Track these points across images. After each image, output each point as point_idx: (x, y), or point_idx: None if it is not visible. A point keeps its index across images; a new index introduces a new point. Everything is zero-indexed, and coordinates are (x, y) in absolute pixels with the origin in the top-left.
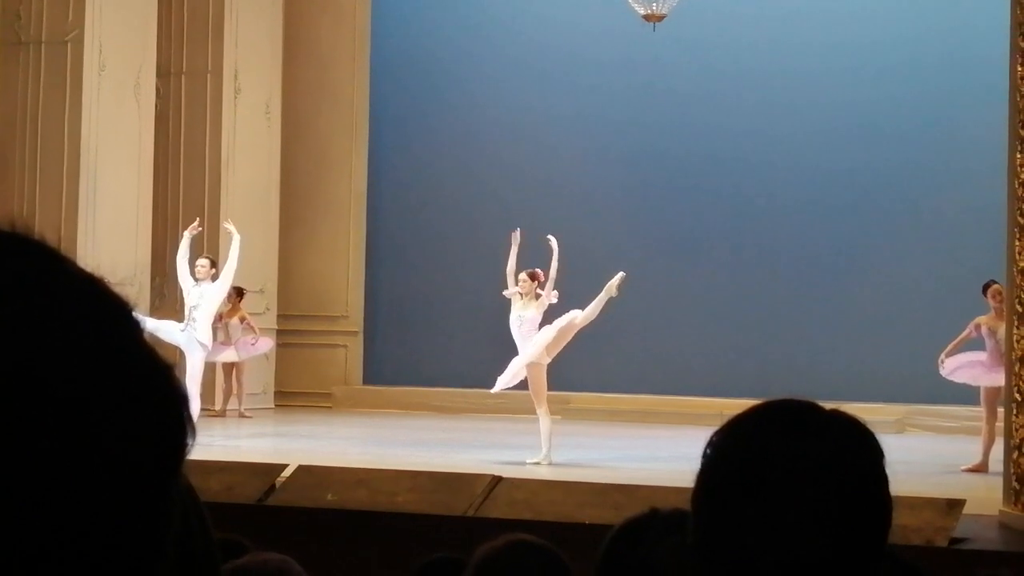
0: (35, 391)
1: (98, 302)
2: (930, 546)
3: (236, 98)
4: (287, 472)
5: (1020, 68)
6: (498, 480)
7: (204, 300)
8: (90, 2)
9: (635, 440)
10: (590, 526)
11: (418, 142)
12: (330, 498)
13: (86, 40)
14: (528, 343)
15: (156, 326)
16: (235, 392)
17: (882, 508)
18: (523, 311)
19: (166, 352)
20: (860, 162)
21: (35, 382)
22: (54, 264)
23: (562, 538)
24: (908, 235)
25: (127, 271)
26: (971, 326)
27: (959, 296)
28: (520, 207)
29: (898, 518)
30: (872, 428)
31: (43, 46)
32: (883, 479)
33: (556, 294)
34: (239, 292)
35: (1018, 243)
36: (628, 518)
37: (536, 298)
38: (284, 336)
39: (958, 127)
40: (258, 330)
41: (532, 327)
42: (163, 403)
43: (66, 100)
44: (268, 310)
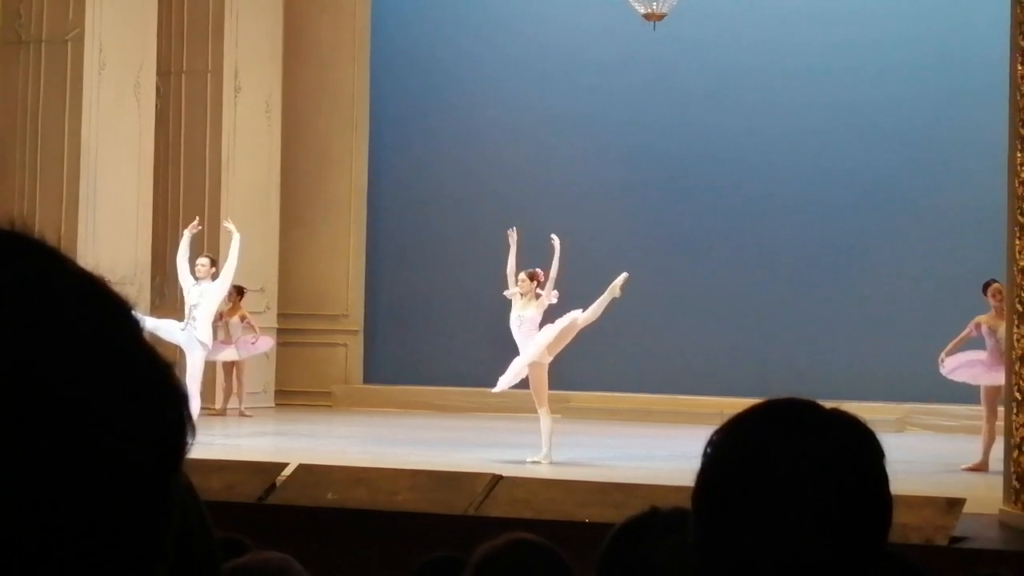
0: (35, 390)
1: (98, 301)
2: (930, 545)
3: (236, 97)
4: (287, 471)
5: (1020, 67)
6: (498, 479)
7: (204, 299)
8: (90, 1)
9: (635, 439)
10: (590, 525)
11: (418, 141)
12: (330, 497)
13: (86, 39)
14: (529, 343)
15: (156, 325)
16: (235, 391)
17: (882, 507)
18: (523, 311)
19: (166, 351)
20: (860, 161)
21: (35, 381)
22: (54, 263)
23: (562, 537)
24: (908, 234)
25: (127, 270)
26: (971, 325)
27: (959, 295)
28: (520, 206)
29: (898, 517)
30: (872, 427)
31: (43, 45)
32: (883, 478)
33: (556, 294)
34: (239, 291)
35: (1018, 242)
36: (629, 517)
37: (536, 298)
38: (284, 335)
39: (958, 126)
40: (258, 329)
41: (532, 327)
42: (163, 402)
43: (66, 99)
44: (268, 309)
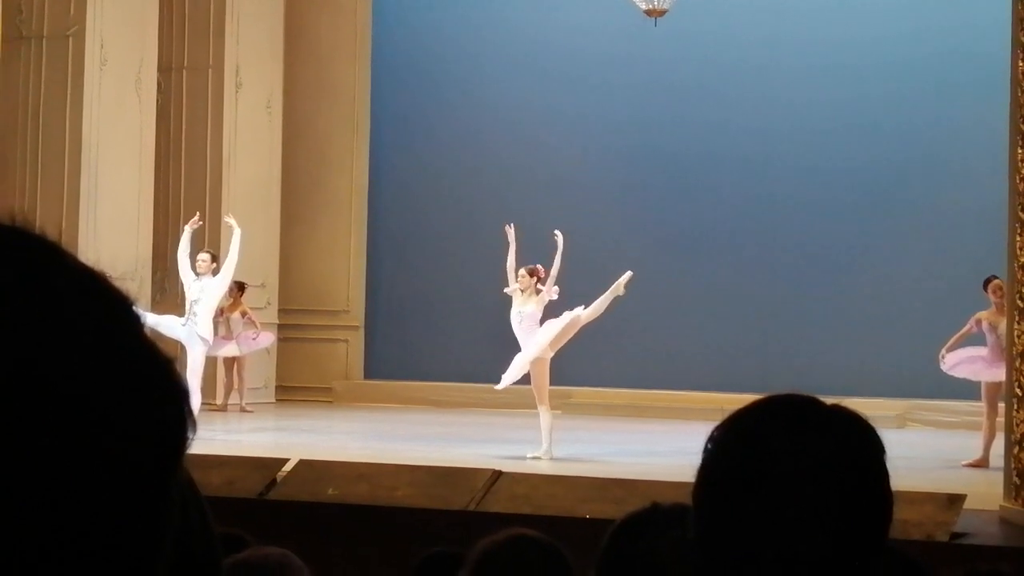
0: (35, 387)
1: (99, 297)
2: (930, 541)
3: (237, 94)
4: (288, 466)
5: (1021, 63)
6: (499, 475)
7: (205, 294)
8: None
9: (636, 435)
10: (591, 521)
11: (419, 138)
12: (331, 492)
13: (87, 35)
14: (529, 339)
15: (157, 321)
16: (236, 386)
17: (883, 503)
18: (523, 307)
19: (167, 347)
20: (861, 157)
21: (35, 377)
22: (55, 259)
23: (563, 533)
24: (909, 230)
25: (128, 266)
26: (972, 321)
27: (960, 292)
28: (520, 203)
29: (899, 513)
30: (873, 423)
31: (44, 41)
32: (884, 474)
33: (557, 290)
34: (240, 287)
35: (1019, 239)
36: (629, 513)
37: (536, 294)
38: (285, 331)
39: (959, 123)
40: (259, 324)
41: (533, 323)
42: (164, 397)
43: (67, 95)
44: (269, 305)
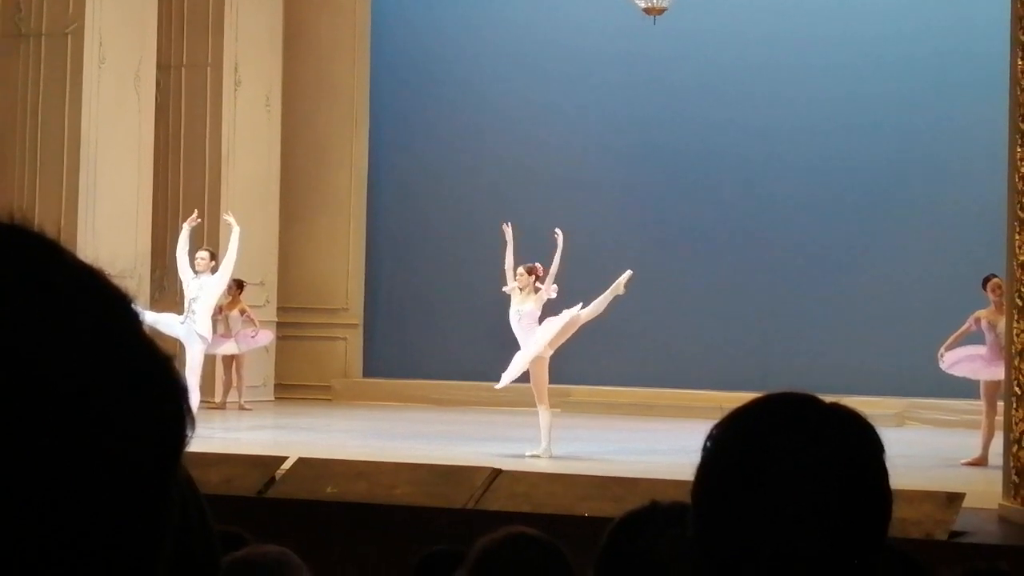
0: (34, 385)
1: (97, 294)
2: (929, 539)
3: (236, 91)
4: (287, 464)
5: (1020, 62)
6: (498, 473)
7: (204, 292)
8: None
9: (635, 433)
10: (590, 519)
11: (418, 136)
12: (330, 491)
13: (86, 32)
14: (528, 337)
15: (156, 319)
16: (235, 384)
17: (882, 501)
18: (521, 305)
19: (166, 344)
20: (861, 156)
21: (34, 375)
22: (53, 256)
23: (562, 531)
24: (908, 229)
25: (127, 263)
26: (971, 320)
27: (959, 290)
28: (520, 202)
29: (898, 511)
30: (872, 421)
31: (43, 38)
32: (883, 472)
33: (555, 288)
34: (239, 284)
35: (1018, 237)
36: (628, 511)
37: (535, 292)
38: (284, 328)
39: (959, 122)
40: (258, 322)
41: (531, 321)
42: (162, 395)
43: (66, 92)
44: (268, 302)
